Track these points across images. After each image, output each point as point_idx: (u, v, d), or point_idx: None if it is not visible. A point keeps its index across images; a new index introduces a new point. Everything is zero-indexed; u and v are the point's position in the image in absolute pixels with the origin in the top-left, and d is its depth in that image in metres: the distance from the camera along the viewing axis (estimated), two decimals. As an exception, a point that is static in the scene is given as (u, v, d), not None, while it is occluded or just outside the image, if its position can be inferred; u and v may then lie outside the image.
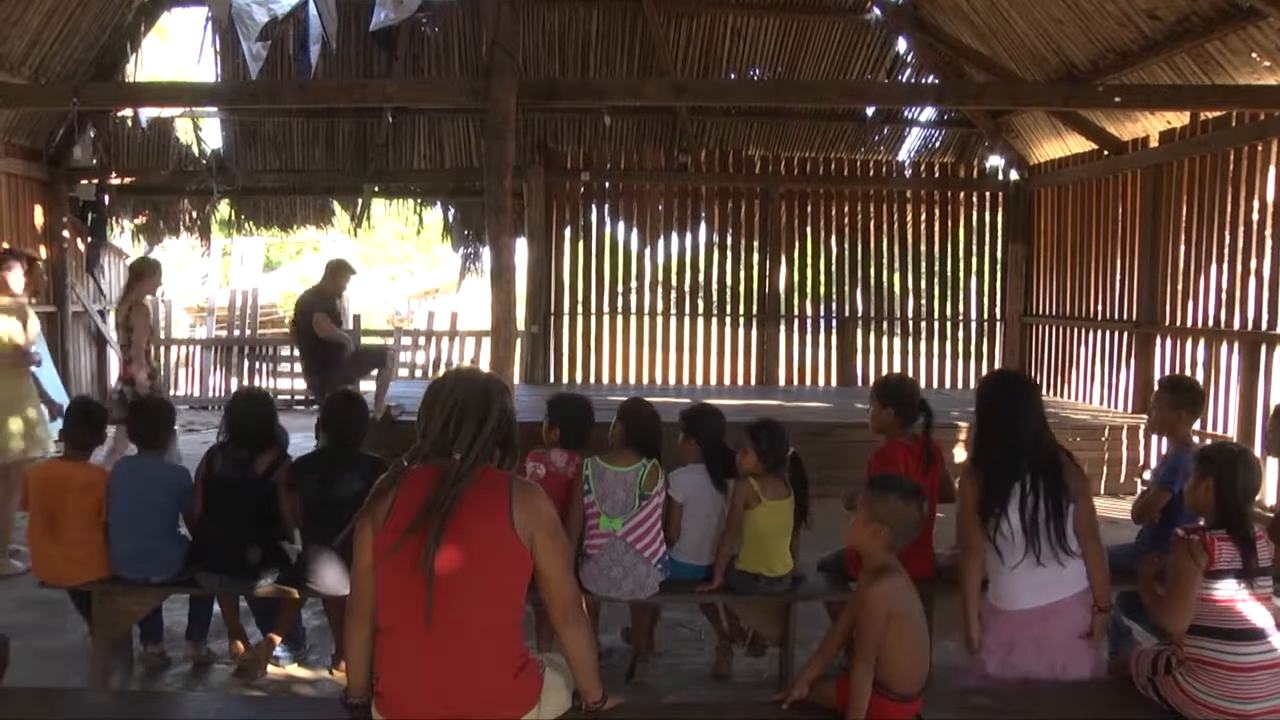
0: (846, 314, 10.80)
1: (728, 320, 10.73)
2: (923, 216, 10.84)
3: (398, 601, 2.26)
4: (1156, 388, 4.29)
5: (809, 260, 11.00)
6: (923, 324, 10.91)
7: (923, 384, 10.66)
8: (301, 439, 7.90)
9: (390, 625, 2.29)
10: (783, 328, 10.70)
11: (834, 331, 10.80)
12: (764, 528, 3.66)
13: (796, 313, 10.83)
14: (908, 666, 2.70)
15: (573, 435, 3.88)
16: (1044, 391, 9.87)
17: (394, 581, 2.25)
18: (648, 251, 10.72)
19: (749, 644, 4.13)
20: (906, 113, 10.77)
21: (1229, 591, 2.73)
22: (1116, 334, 8.88)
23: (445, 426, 2.32)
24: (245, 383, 11.63)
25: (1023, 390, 3.31)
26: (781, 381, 10.62)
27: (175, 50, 17.88)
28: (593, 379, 10.57)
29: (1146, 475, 7.33)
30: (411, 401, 7.64)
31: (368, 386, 7.72)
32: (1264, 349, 6.90)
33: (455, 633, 2.21)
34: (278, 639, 3.93)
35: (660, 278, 10.83)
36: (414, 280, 25.41)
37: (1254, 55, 6.70)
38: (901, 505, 2.79)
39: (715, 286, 10.79)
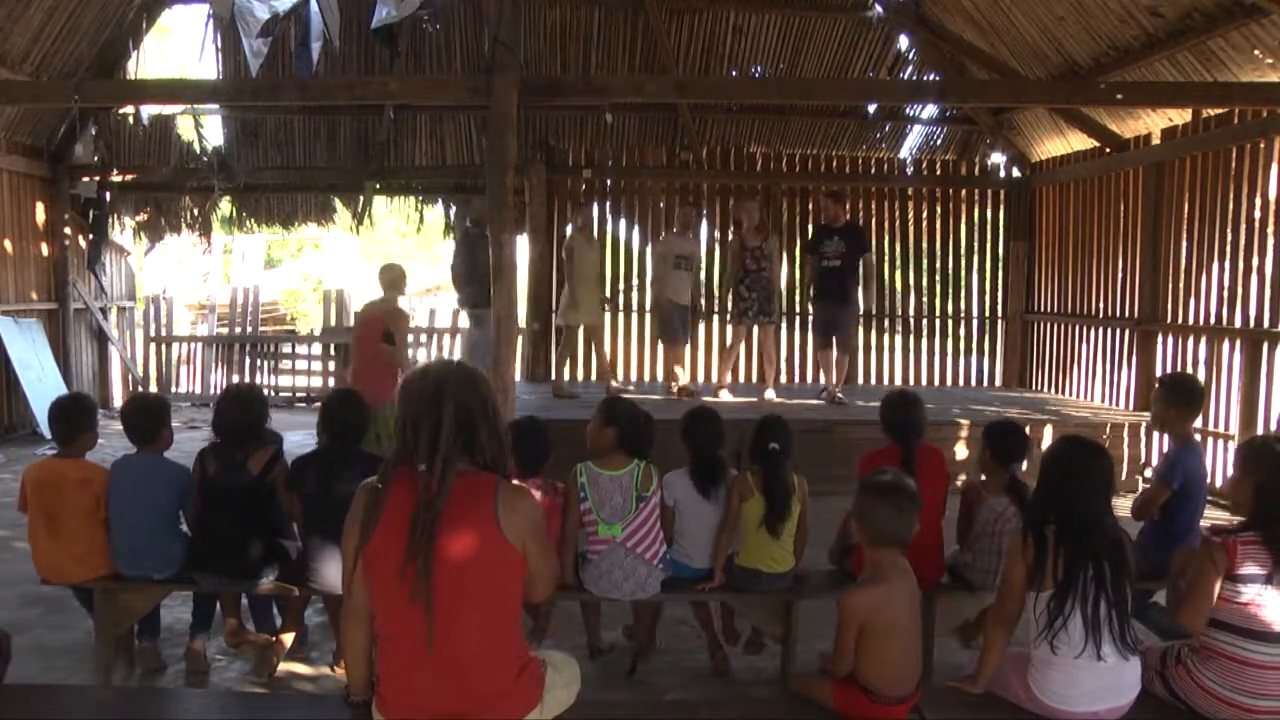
0: (848, 311, 10.77)
1: (729, 317, 10.70)
2: (924, 214, 10.82)
3: (395, 617, 2.23)
4: (1156, 385, 4.30)
5: (810, 257, 10.98)
6: (924, 321, 10.90)
7: (923, 382, 10.70)
8: (304, 436, 7.93)
9: (389, 634, 2.27)
10: (784, 325, 10.69)
11: (835, 329, 10.77)
12: (758, 521, 3.64)
13: (798, 310, 10.82)
14: (892, 675, 2.69)
15: (529, 460, 3.74)
16: (1045, 389, 9.98)
17: (390, 599, 2.21)
18: (649, 249, 10.71)
19: (746, 643, 4.12)
20: (908, 110, 10.77)
21: (1251, 594, 2.70)
22: (1118, 331, 8.88)
23: (403, 432, 2.27)
24: (247, 379, 11.65)
25: (1092, 459, 2.83)
26: (783, 379, 10.60)
27: (177, 47, 17.88)
28: (594, 376, 10.56)
29: (1148, 473, 7.33)
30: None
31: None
32: (1265, 346, 6.90)
33: (455, 638, 2.19)
34: (288, 641, 3.93)
35: (661, 275, 10.81)
36: (415, 277, 25.37)
37: (1257, 52, 6.69)
38: (871, 502, 2.77)
39: (716, 284, 10.77)
